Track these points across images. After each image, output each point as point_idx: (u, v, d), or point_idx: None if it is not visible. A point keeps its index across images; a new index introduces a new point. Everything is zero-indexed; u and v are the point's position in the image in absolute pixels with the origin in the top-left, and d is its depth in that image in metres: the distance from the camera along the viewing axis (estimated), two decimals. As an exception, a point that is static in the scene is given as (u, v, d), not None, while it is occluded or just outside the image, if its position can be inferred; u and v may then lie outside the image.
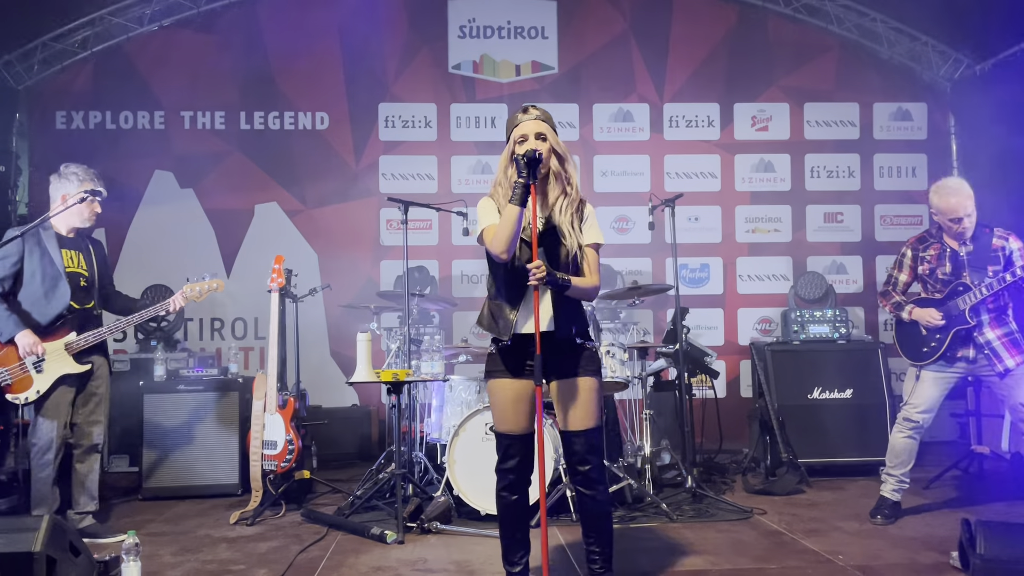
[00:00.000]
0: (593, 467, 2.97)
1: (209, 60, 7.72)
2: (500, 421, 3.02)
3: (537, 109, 3.05)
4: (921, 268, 4.51)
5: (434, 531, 4.32)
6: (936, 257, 4.45)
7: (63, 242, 4.42)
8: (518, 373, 2.98)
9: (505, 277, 2.99)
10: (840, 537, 4.14)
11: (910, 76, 8.06)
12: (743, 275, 7.89)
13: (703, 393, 5.92)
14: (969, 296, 4.26)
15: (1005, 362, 4.22)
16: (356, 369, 4.56)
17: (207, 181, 7.63)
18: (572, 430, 2.97)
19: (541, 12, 7.99)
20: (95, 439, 4.45)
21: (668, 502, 4.71)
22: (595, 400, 2.99)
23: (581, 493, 3.02)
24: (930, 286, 4.47)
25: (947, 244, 4.43)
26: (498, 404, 3.02)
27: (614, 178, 7.84)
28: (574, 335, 2.99)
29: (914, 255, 4.56)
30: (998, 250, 4.33)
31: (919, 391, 4.43)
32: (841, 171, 7.97)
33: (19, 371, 4.21)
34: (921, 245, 4.55)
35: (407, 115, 7.86)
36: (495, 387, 3.02)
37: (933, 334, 4.37)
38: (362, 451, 6.95)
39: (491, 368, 3.05)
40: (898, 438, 4.48)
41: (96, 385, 4.44)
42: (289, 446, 4.95)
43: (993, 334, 4.26)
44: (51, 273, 4.31)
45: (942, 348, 4.32)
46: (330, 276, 7.10)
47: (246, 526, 4.61)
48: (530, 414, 3.01)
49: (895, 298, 4.57)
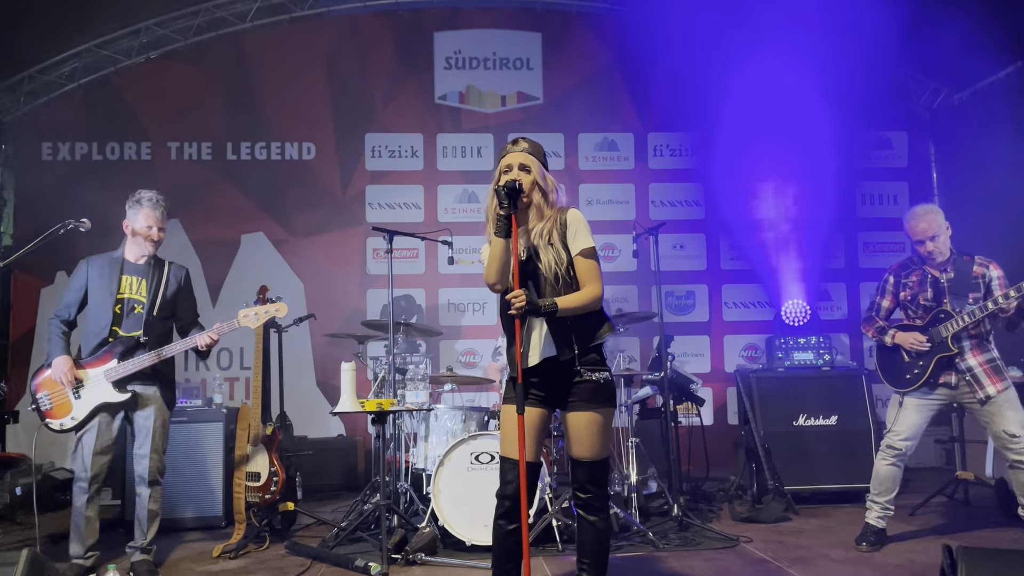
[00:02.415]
0: (594, 496, 2.98)
1: (196, 91, 7.78)
2: (505, 447, 3.02)
3: (526, 142, 3.07)
4: (903, 294, 4.54)
5: (419, 562, 4.28)
6: (918, 283, 4.48)
7: (127, 268, 4.32)
8: (530, 402, 2.98)
9: (503, 310, 3.03)
10: (826, 565, 4.13)
11: (891, 105, 8.18)
12: (728, 302, 7.93)
13: (689, 421, 5.92)
14: (951, 323, 4.29)
15: (987, 389, 4.24)
16: (340, 399, 4.54)
17: (193, 211, 7.64)
18: (576, 458, 2.99)
19: (526, 44, 8.09)
20: (141, 472, 4.26)
21: (654, 530, 4.69)
22: (600, 433, 2.98)
23: (581, 517, 3.03)
24: (912, 312, 4.50)
25: (928, 271, 4.47)
26: (505, 429, 3.02)
27: (599, 206, 7.90)
28: (579, 359, 2.95)
29: (896, 281, 4.59)
30: (978, 277, 4.37)
31: (902, 418, 4.44)
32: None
33: (60, 396, 4.16)
34: (903, 271, 4.59)
35: (394, 145, 7.92)
36: (506, 412, 3.03)
37: (916, 361, 4.39)
38: (348, 482, 6.90)
39: (508, 394, 3.07)
40: (882, 465, 4.49)
41: (145, 416, 4.25)
42: (273, 478, 4.91)
43: (975, 360, 4.29)
44: (103, 299, 4.24)
45: (925, 375, 4.35)
46: (316, 305, 7.10)
47: (229, 559, 4.55)
48: (536, 444, 3.01)
49: (878, 323, 4.60)
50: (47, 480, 6.20)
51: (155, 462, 4.26)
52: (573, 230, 3.00)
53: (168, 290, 4.37)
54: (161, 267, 4.42)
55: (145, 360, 4.18)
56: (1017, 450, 4.14)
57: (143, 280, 4.33)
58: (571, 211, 3.04)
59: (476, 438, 4.64)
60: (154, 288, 4.33)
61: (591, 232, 3.02)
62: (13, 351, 7.44)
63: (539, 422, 3.00)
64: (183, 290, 4.46)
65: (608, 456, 3.05)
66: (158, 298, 4.32)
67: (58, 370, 4.13)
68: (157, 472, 4.27)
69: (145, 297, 4.30)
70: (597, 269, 3.00)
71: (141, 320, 4.26)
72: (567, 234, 2.99)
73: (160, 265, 4.42)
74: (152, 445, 4.24)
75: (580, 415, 2.95)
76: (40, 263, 7.22)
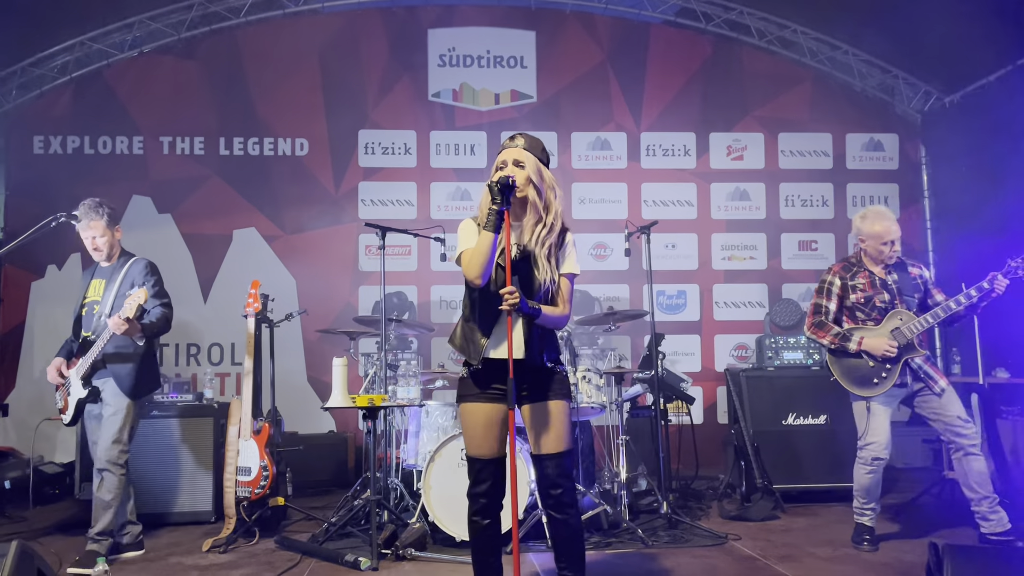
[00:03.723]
0: (565, 491, 2.97)
1: (189, 86, 7.76)
2: (471, 445, 3.02)
3: (524, 138, 3.07)
4: (854, 296, 4.49)
5: (408, 558, 4.30)
6: (869, 284, 4.47)
7: (98, 272, 4.61)
8: (489, 397, 2.99)
9: (480, 301, 3.01)
10: (813, 563, 4.16)
11: (882, 108, 8.24)
12: (719, 302, 7.96)
13: (679, 419, 5.94)
14: (915, 324, 4.32)
15: (939, 383, 4.35)
16: (331, 395, 4.54)
17: (185, 206, 7.63)
18: (544, 453, 2.98)
19: (520, 42, 8.10)
20: (94, 459, 4.48)
21: (644, 528, 4.71)
22: (566, 423, 3.00)
23: (552, 517, 3.02)
24: (862, 314, 4.48)
25: (874, 273, 4.49)
26: (469, 428, 3.02)
27: (592, 205, 7.92)
28: (545, 361, 3.02)
29: (843, 284, 4.53)
30: (916, 278, 4.49)
31: (876, 426, 4.39)
32: (815, 200, 8.11)
33: (63, 396, 4.55)
34: (847, 273, 4.55)
35: (387, 142, 7.92)
36: (466, 411, 3.03)
37: (883, 364, 4.36)
38: (338, 478, 6.90)
39: (463, 392, 3.06)
40: (866, 477, 4.42)
41: (100, 406, 4.49)
42: (263, 472, 4.92)
43: (920, 359, 4.37)
44: (76, 305, 4.60)
45: (893, 377, 4.35)
46: (308, 301, 7.10)
47: (219, 553, 4.56)
48: (501, 438, 3.01)
49: (834, 329, 4.49)
50: (36, 474, 6.19)
51: (104, 450, 4.39)
52: (568, 251, 3.09)
53: (123, 287, 4.49)
54: (123, 265, 4.58)
55: (88, 356, 4.41)
56: (970, 435, 4.27)
57: (104, 282, 4.54)
58: (570, 233, 3.13)
59: (467, 434, 4.65)
60: (111, 287, 4.51)
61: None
62: (3, 345, 7.41)
63: (502, 418, 3.00)
64: (138, 283, 4.48)
65: (573, 448, 3.07)
66: (112, 297, 4.48)
67: (48, 371, 4.54)
68: (107, 461, 4.38)
69: (101, 298, 4.51)
70: (571, 293, 3.11)
71: (94, 320, 4.49)
72: (562, 251, 3.07)
73: (123, 264, 4.59)
74: (102, 434, 4.43)
75: (549, 404, 2.99)
76: (31, 257, 7.19)
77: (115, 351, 4.42)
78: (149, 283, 4.49)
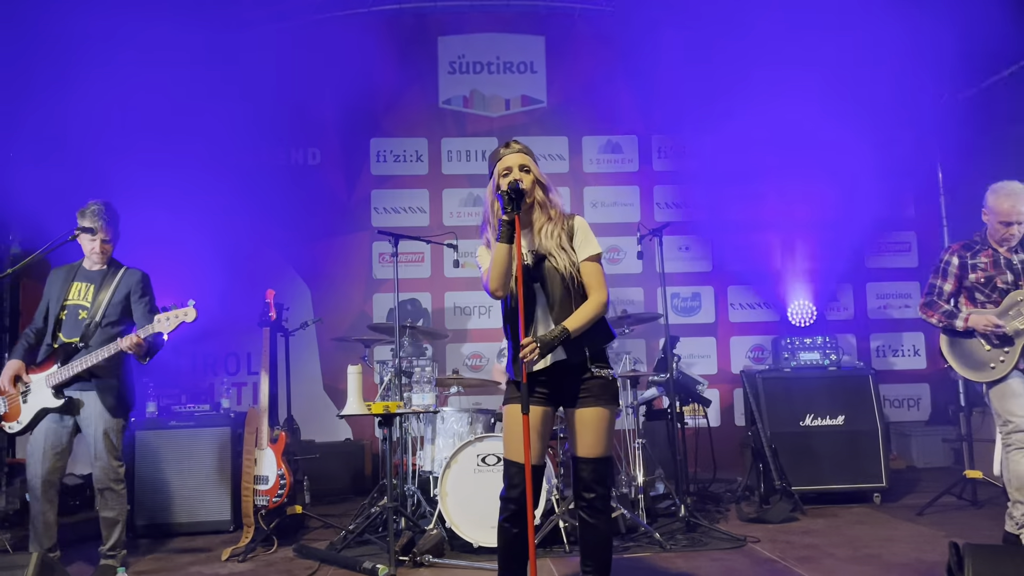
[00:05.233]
0: (598, 496, 2.97)
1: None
2: (509, 449, 2.99)
3: (518, 143, 3.11)
4: (973, 276, 4.21)
5: (426, 564, 4.30)
6: (991, 264, 4.18)
7: (80, 275, 4.38)
8: (533, 400, 2.96)
9: (508, 316, 3.05)
10: (833, 564, 4.13)
11: (895, 104, 8.16)
12: (734, 304, 7.92)
13: (696, 422, 5.91)
14: None
15: None
16: (347, 402, 4.56)
17: (200, 217, 7.66)
18: (583, 456, 2.98)
19: (530, 47, 8.12)
20: (94, 480, 4.29)
21: (661, 531, 4.70)
22: (605, 430, 2.98)
23: (584, 520, 3.00)
24: (982, 295, 4.20)
25: (999, 252, 4.19)
26: (509, 431, 3.01)
27: (604, 209, 7.91)
28: (588, 359, 2.99)
29: (961, 263, 4.26)
30: None
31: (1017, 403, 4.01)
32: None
33: (13, 400, 4.22)
34: (968, 252, 4.27)
35: (398, 150, 7.94)
36: (509, 413, 3.02)
37: (1001, 348, 4.06)
38: (355, 485, 6.92)
39: (509, 395, 3.07)
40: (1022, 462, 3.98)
41: (86, 425, 4.22)
42: (281, 481, 4.94)
43: None
44: (52, 306, 4.34)
45: (1013, 360, 4.02)
46: (323, 310, 7.13)
47: (238, 562, 4.58)
48: (541, 445, 3.01)
49: (944, 307, 4.25)
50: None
51: (101, 470, 4.23)
52: (581, 236, 3.07)
53: (116, 296, 4.32)
54: (115, 273, 4.40)
55: (76, 365, 4.16)
56: None
57: (92, 286, 4.34)
58: (577, 217, 3.11)
59: (482, 440, 4.66)
60: (102, 294, 4.32)
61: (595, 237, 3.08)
62: (22, 358, 7.46)
63: (544, 421, 3.00)
64: (135, 296, 4.36)
65: (612, 455, 3.06)
66: (104, 304, 4.29)
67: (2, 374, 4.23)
68: (107, 479, 4.23)
69: (90, 303, 4.31)
70: (602, 274, 3.07)
71: (85, 327, 4.26)
72: (575, 239, 3.05)
73: (115, 271, 4.41)
74: (96, 453, 4.22)
75: (589, 410, 2.97)
76: (47, 270, 7.22)
77: (106, 363, 4.18)
78: (146, 299, 4.38)
